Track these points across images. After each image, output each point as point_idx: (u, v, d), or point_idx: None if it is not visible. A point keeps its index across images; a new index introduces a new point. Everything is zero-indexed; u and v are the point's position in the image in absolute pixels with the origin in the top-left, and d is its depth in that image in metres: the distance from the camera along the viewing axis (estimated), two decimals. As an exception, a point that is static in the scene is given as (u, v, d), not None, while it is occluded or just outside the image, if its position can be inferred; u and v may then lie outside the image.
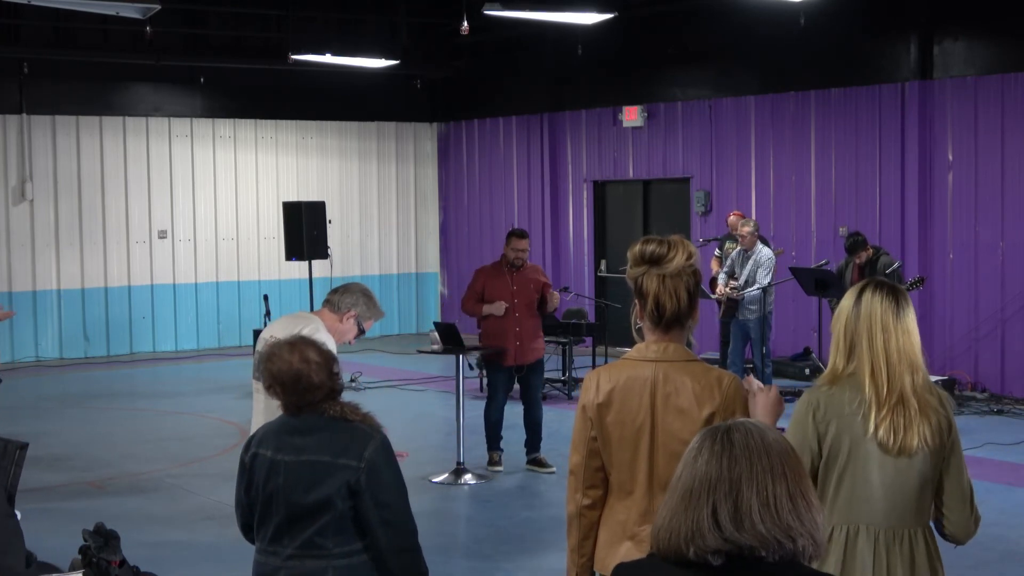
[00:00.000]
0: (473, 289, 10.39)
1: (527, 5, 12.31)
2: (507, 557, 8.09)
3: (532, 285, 10.28)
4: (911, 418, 3.66)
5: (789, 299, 14.52)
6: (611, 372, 3.86)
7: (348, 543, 3.93)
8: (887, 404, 3.66)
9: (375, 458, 3.92)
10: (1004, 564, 7.81)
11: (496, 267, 10.40)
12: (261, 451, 4.09)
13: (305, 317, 6.17)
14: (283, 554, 3.99)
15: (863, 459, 3.70)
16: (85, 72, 17.40)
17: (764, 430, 2.29)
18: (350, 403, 4.07)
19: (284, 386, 4.03)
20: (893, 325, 3.71)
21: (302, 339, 4.13)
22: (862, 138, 14.63)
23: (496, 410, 10.41)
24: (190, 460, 11.01)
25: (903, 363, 3.69)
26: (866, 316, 3.74)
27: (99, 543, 4.09)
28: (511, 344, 10.18)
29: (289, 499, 3.96)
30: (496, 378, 10.42)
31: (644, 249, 3.77)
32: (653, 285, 3.73)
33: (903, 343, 3.71)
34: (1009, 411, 12.71)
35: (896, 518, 3.72)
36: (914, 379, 3.69)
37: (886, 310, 3.73)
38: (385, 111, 19.93)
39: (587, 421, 3.84)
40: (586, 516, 3.89)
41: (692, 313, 3.79)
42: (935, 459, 3.72)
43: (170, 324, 18.38)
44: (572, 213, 18.43)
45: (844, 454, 3.72)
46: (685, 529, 2.22)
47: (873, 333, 3.71)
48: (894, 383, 3.67)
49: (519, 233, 10.37)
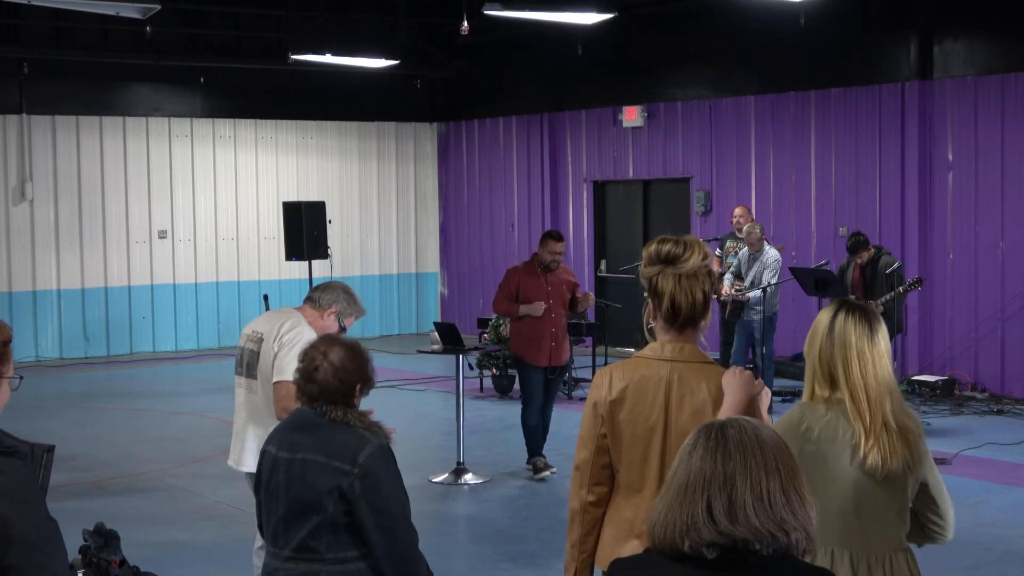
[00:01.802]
0: (507, 289, 10.10)
1: (527, 5, 12.30)
2: (507, 557, 8.09)
3: (564, 285, 10.13)
4: (895, 444, 3.68)
5: (789, 299, 14.52)
6: (625, 369, 3.84)
7: (342, 549, 3.88)
8: (873, 432, 3.67)
9: (371, 464, 3.86)
10: (1004, 564, 7.81)
11: (529, 267, 10.18)
12: (268, 448, 4.09)
13: (286, 312, 6.20)
14: (282, 555, 3.98)
15: (842, 484, 3.69)
16: (85, 72, 17.41)
17: (758, 427, 2.32)
18: (359, 410, 4.03)
19: (300, 371, 4.03)
20: (869, 351, 3.71)
21: (336, 339, 4.11)
22: (862, 138, 14.63)
23: (534, 414, 10.12)
24: (190, 460, 11.01)
25: (882, 389, 3.70)
26: (840, 344, 3.73)
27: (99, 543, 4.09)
28: (547, 345, 9.97)
29: (285, 497, 3.95)
30: (531, 381, 10.09)
31: (660, 248, 3.76)
32: (669, 285, 3.73)
33: (879, 369, 3.72)
34: (1009, 411, 12.71)
35: (877, 542, 3.73)
36: (892, 404, 3.70)
37: (860, 336, 3.72)
38: (385, 111, 19.93)
39: (597, 418, 3.83)
40: (590, 512, 3.88)
41: (706, 314, 3.80)
42: (914, 479, 3.75)
43: (170, 324, 18.38)
44: (572, 213, 18.43)
45: (820, 475, 3.68)
46: (680, 523, 2.24)
47: (849, 361, 3.71)
48: (876, 411, 3.68)
49: (555, 235, 10.09)
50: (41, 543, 2.93)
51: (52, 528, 2.99)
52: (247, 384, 6.13)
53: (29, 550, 2.89)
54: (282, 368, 5.82)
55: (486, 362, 14.04)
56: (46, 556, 2.93)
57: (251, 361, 6.07)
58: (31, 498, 2.97)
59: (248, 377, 6.11)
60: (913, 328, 13.89)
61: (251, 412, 6.11)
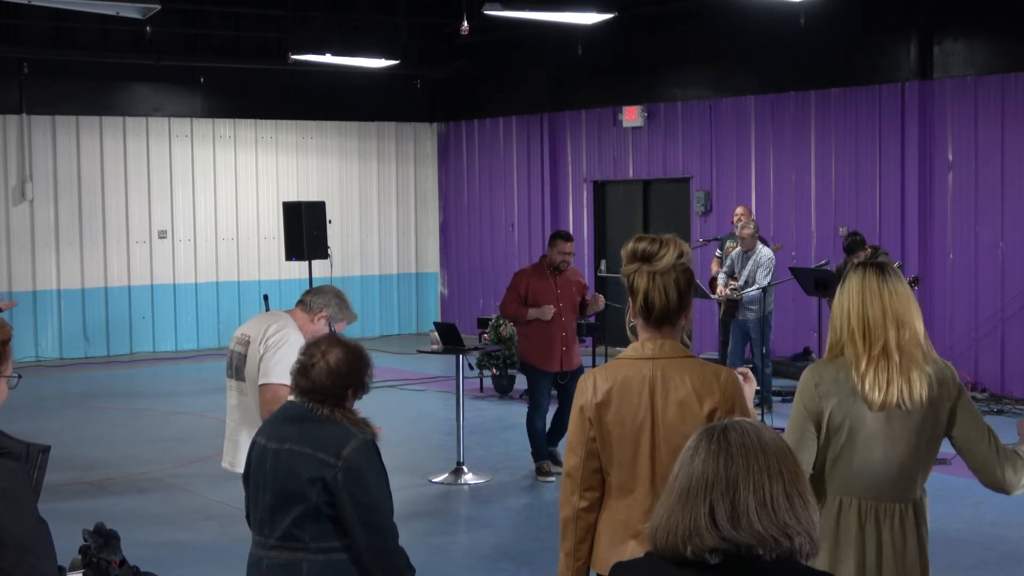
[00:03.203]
0: (515, 292, 9.94)
1: (527, 5, 12.30)
2: (507, 557, 8.09)
3: (574, 288, 9.94)
4: (892, 372, 3.68)
5: (789, 299, 14.52)
6: (607, 371, 3.85)
7: (326, 539, 3.95)
8: (867, 355, 3.69)
9: (354, 457, 3.92)
10: (1004, 564, 7.80)
11: (538, 269, 10.00)
12: (258, 438, 4.17)
13: (275, 315, 6.20)
14: (267, 544, 4.05)
15: (864, 436, 3.73)
16: (85, 72, 17.41)
17: (760, 429, 2.30)
18: (347, 409, 4.09)
19: (298, 363, 4.08)
20: (879, 288, 3.76)
21: (340, 340, 4.13)
22: (862, 138, 14.63)
23: (541, 418, 10.00)
24: (190, 460, 11.01)
25: (888, 318, 3.72)
26: (851, 290, 3.81)
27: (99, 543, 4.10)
28: (557, 349, 9.83)
29: (271, 487, 4.02)
30: (539, 385, 9.97)
31: (636, 247, 3.78)
32: (643, 282, 3.75)
33: (889, 302, 3.74)
34: (1009, 411, 12.70)
35: (888, 492, 3.76)
36: (900, 334, 3.71)
37: (870, 278, 3.79)
38: (385, 111, 19.93)
39: (585, 422, 3.83)
40: (583, 519, 3.87)
41: (684, 311, 3.79)
42: (932, 417, 3.74)
43: (170, 324, 18.38)
44: (572, 213, 18.43)
45: (845, 430, 3.74)
46: (683, 528, 2.23)
47: (861, 299, 3.76)
48: (876, 336, 3.70)
49: (564, 235, 9.95)
50: (32, 545, 2.94)
51: (44, 530, 3.00)
52: (238, 387, 6.13)
53: (21, 552, 2.90)
54: (267, 371, 5.83)
55: (486, 362, 14.04)
56: (36, 558, 2.95)
57: (239, 364, 6.08)
58: (24, 500, 2.98)
59: (238, 380, 6.11)
60: (913, 328, 13.88)
61: (244, 415, 6.12)
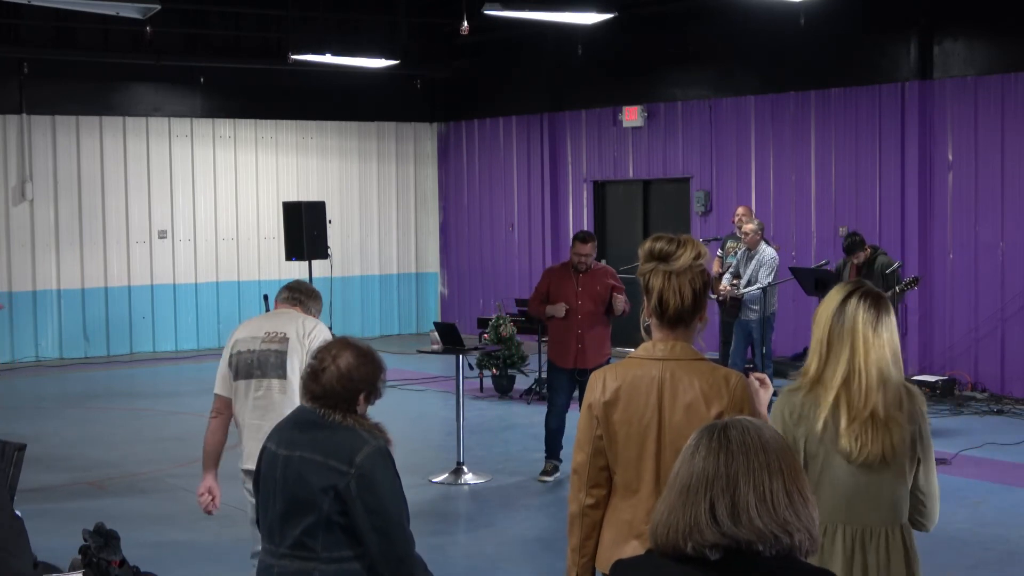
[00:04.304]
0: (538, 290, 10.02)
1: (527, 5, 12.30)
2: (507, 557, 8.09)
3: (599, 287, 9.81)
4: (877, 432, 3.68)
5: (789, 299, 14.52)
6: (617, 370, 3.84)
7: (338, 549, 3.84)
8: (858, 419, 3.68)
9: (367, 464, 3.81)
10: (1004, 564, 7.80)
11: (564, 268, 10.03)
12: (268, 444, 4.06)
13: (293, 313, 6.19)
14: (277, 552, 3.95)
15: (837, 464, 3.72)
16: (85, 72, 17.40)
17: (761, 427, 2.31)
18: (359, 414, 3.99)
19: (308, 367, 3.98)
20: (872, 339, 3.72)
21: (351, 343, 4.02)
22: (862, 138, 14.63)
23: (556, 416, 9.94)
24: (190, 460, 10.99)
25: (878, 379, 3.71)
26: (849, 329, 3.73)
27: (99, 543, 4.10)
28: (572, 347, 9.76)
29: (282, 495, 3.92)
30: (555, 383, 9.96)
31: (654, 246, 3.76)
32: (659, 282, 3.73)
33: (879, 357, 3.72)
34: (1009, 411, 12.70)
35: (871, 518, 3.75)
36: (885, 396, 3.70)
37: (867, 323, 3.72)
38: (385, 111, 19.93)
39: (592, 419, 3.83)
40: (589, 516, 3.87)
41: (698, 313, 3.77)
42: (906, 466, 3.76)
43: (170, 324, 18.38)
44: (572, 213, 18.43)
45: (820, 459, 3.74)
46: (683, 524, 2.24)
47: (855, 346, 3.71)
48: (868, 400, 3.69)
49: (581, 237, 9.90)
50: (6, 542, 2.93)
51: (18, 527, 2.99)
52: (267, 384, 6.06)
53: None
54: None
55: (486, 362, 14.04)
56: (10, 555, 2.93)
57: (276, 361, 6.03)
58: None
59: (272, 378, 6.04)
60: (913, 328, 13.89)
61: (279, 412, 6.00)
